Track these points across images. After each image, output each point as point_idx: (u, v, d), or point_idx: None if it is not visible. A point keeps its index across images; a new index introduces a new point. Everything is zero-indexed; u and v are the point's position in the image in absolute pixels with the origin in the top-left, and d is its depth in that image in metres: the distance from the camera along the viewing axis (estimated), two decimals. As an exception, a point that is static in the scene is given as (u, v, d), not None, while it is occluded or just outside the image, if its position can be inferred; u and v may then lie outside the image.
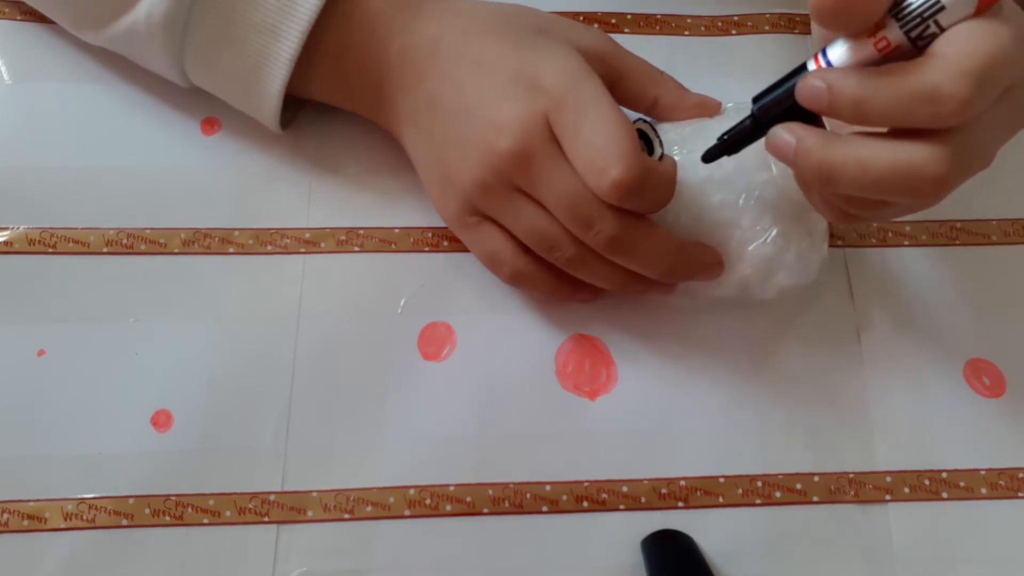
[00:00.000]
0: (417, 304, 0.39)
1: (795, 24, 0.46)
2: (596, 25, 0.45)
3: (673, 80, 0.37)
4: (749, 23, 0.46)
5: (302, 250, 0.40)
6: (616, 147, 0.31)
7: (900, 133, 0.27)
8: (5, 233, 0.39)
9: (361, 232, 0.40)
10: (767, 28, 0.45)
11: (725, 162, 0.34)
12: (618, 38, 0.44)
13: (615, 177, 0.30)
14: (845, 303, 0.40)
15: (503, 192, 0.34)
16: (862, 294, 0.40)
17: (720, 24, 0.46)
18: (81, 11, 0.39)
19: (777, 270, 0.35)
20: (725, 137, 0.32)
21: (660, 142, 0.34)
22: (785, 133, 0.29)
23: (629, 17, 0.45)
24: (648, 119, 0.35)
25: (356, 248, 0.40)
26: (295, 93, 0.38)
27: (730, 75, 0.44)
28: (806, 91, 0.28)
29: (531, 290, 0.38)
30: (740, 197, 0.34)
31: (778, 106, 0.30)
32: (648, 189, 0.31)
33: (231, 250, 0.39)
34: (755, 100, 0.31)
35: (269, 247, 0.40)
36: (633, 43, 0.44)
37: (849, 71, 0.27)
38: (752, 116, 0.31)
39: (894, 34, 0.27)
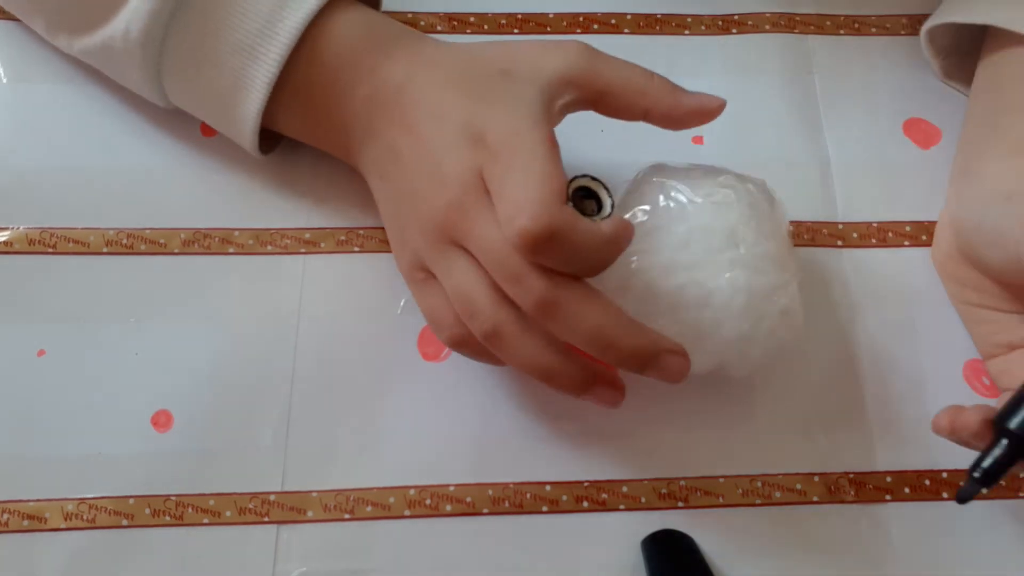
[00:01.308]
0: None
1: (795, 24, 0.46)
2: (595, 25, 0.45)
3: (664, 85, 0.34)
4: (749, 22, 0.46)
5: (302, 250, 0.40)
6: (531, 196, 0.29)
7: None
8: (5, 233, 0.39)
9: (361, 232, 0.40)
10: (768, 27, 0.45)
11: (693, 243, 0.33)
12: (618, 38, 0.45)
13: (521, 225, 0.28)
14: (844, 305, 0.40)
15: (441, 247, 0.33)
16: (862, 294, 0.40)
17: (720, 23, 0.46)
18: (56, 15, 0.38)
19: (751, 349, 0.34)
20: (979, 474, 0.30)
21: (612, 203, 0.32)
22: None
23: (629, 17, 0.45)
24: (597, 177, 0.33)
25: (356, 248, 0.40)
26: (269, 126, 0.38)
27: (731, 74, 0.44)
28: None
29: (473, 358, 0.35)
30: (709, 278, 0.33)
31: None
32: (566, 245, 0.29)
33: (231, 250, 0.39)
34: (1002, 420, 0.30)
35: (269, 247, 0.40)
36: (633, 43, 0.45)
37: None
38: (1009, 442, 0.30)
39: None
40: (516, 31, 0.45)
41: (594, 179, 0.32)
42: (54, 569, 0.34)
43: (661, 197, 0.34)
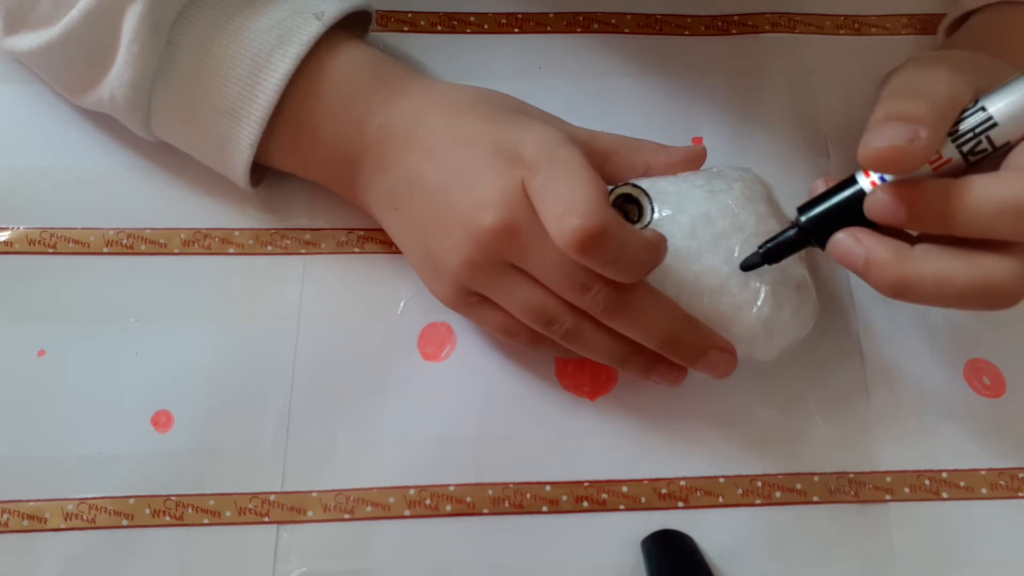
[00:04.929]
0: (417, 304, 0.39)
1: (795, 24, 0.46)
2: (596, 25, 0.45)
3: (654, 143, 0.37)
4: (749, 22, 0.46)
5: (302, 251, 0.40)
6: (579, 197, 0.29)
7: (977, 244, 0.27)
8: (5, 233, 0.39)
9: (361, 233, 0.40)
10: (768, 27, 0.45)
11: (699, 231, 0.33)
12: (618, 38, 0.45)
13: (573, 223, 0.28)
14: (845, 304, 0.40)
15: (493, 270, 0.33)
16: (862, 294, 0.40)
17: (720, 23, 0.46)
18: (55, 80, 0.39)
19: (776, 330, 0.34)
20: (767, 248, 0.32)
21: (653, 209, 0.33)
22: (854, 244, 0.29)
23: (629, 17, 0.45)
24: (641, 185, 0.33)
25: (356, 249, 0.40)
26: (264, 163, 0.38)
27: (731, 74, 0.44)
28: (879, 206, 0.28)
29: (550, 350, 0.36)
30: (723, 262, 0.33)
31: (830, 219, 0.31)
32: (614, 244, 0.29)
33: (231, 250, 0.39)
34: (801, 210, 0.31)
35: (269, 247, 0.40)
36: (633, 43, 0.45)
37: (926, 183, 0.28)
38: (798, 227, 0.31)
39: (947, 149, 0.28)
40: (516, 31, 0.45)
41: (636, 186, 0.33)
42: (54, 569, 0.34)
43: (655, 192, 0.34)
